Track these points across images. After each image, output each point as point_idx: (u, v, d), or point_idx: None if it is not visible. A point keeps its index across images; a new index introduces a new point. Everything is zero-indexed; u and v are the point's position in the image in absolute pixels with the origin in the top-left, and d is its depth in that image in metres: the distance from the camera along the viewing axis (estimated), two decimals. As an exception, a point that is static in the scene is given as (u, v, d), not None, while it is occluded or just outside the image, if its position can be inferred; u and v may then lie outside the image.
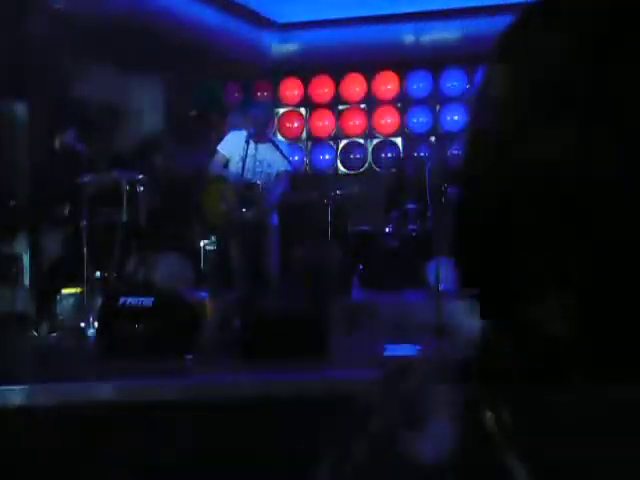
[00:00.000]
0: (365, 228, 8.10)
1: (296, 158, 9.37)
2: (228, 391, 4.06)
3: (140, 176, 6.20)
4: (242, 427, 3.89)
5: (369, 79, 9.41)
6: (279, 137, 8.93)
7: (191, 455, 3.83)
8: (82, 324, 5.83)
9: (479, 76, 0.80)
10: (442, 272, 6.18)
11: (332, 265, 7.06)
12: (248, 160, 6.05)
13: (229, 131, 6.89)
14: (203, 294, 6.06)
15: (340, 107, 9.59)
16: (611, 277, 0.66)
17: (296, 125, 9.64)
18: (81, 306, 6.01)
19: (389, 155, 9.34)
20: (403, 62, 9.15)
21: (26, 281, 6.62)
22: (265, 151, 6.19)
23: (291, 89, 9.62)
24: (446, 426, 0.79)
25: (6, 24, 6.65)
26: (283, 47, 9.27)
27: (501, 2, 8.42)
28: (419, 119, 9.26)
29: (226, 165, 6.25)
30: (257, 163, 6.16)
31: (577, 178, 0.64)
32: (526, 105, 0.69)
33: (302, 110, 9.71)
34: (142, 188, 6.19)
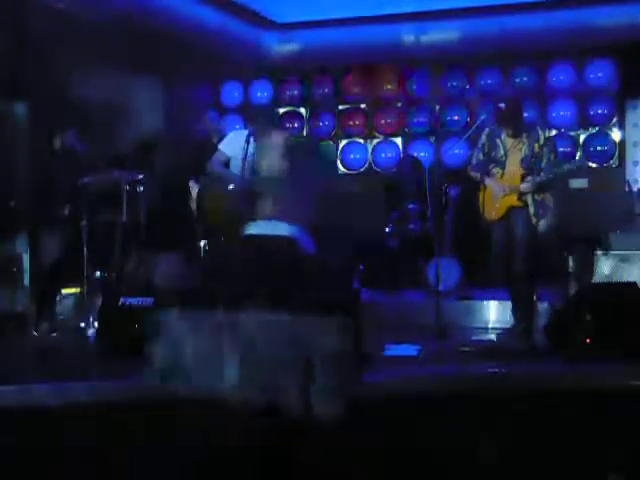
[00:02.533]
0: (365, 228, 8.09)
1: (296, 158, 9.38)
2: (229, 391, 4.05)
3: (140, 176, 6.20)
4: (242, 427, 3.89)
5: (369, 79, 9.40)
6: (279, 137, 8.92)
7: (191, 455, 3.83)
8: (82, 324, 5.83)
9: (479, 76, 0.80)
10: (442, 272, 6.18)
11: (332, 265, 7.06)
12: (249, 159, 6.05)
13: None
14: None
15: (340, 107, 9.59)
16: None
17: (296, 125, 9.64)
18: (81, 306, 6.00)
19: (389, 155, 9.33)
20: (403, 62, 9.15)
21: (26, 281, 6.61)
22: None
23: (291, 89, 9.63)
24: None
25: (6, 24, 6.65)
26: (283, 47, 9.27)
27: (501, 2, 8.43)
28: (419, 119, 9.26)
29: (227, 164, 6.25)
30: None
31: None
32: None
33: (302, 110, 9.71)
34: (142, 188, 6.18)
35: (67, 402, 3.83)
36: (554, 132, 8.56)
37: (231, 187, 6.07)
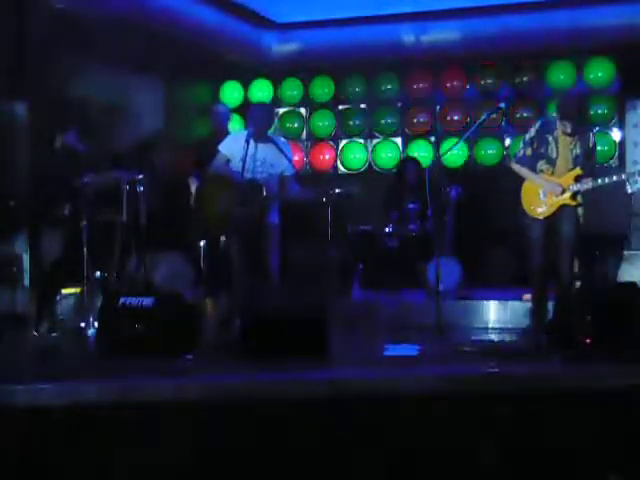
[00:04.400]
0: (365, 228, 8.09)
1: (296, 158, 9.38)
2: (228, 391, 4.06)
3: (140, 176, 6.20)
4: (243, 427, 3.89)
5: (369, 79, 9.40)
6: (280, 137, 8.92)
7: (191, 455, 3.84)
8: (82, 324, 5.83)
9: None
10: (442, 272, 6.17)
11: (332, 265, 7.06)
12: (249, 160, 6.05)
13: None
14: (203, 294, 6.07)
15: (340, 107, 9.59)
16: None
17: (296, 125, 9.63)
18: (81, 306, 6.00)
19: (389, 155, 9.33)
20: (403, 62, 9.15)
21: (26, 281, 6.62)
22: (266, 150, 6.19)
23: (291, 89, 9.62)
24: None
25: (6, 24, 6.65)
26: (283, 47, 9.26)
27: (501, 2, 8.43)
28: (419, 119, 9.26)
29: (227, 164, 6.24)
30: (258, 162, 6.15)
31: None
32: None
33: (302, 110, 9.70)
34: (142, 188, 6.18)
35: (67, 402, 3.83)
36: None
37: (235, 183, 6.07)
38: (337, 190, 6.28)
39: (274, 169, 6.17)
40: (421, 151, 9.05)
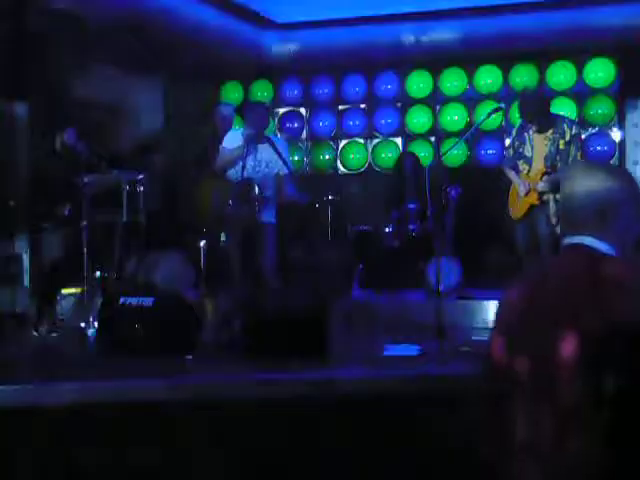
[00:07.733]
0: (365, 228, 8.09)
1: (296, 158, 9.38)
2: (228, 391, 4.06)
3: (140, 176, 6.20)
4: (243, 427, 3.89)
5: (369, 79, 9.40)
6: (279, 137, 8.92)
7: (191, 455, 3.84)
8: (82, 324, 5.83)
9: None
10: (442, 272, 6.17)
11: (332, 265, 7.06)
12: (248, 160, 6.06)
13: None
14: (203, 294, 6.06)
15: (340, 107, 9.59)
16: None
17: (296, 125, 9.63)
18: (81, 306, 6.00)
19: (389, 155, 9.33)
20: (403, 62, 9.15)
21: (26, 281, 6.62)
22: (263, 151, 6.20)
23: (291, 89, 9.62)
24: None
25: (6, 24, 6.65)
26: (283, 47, 9.26)
27: (501, 2, 8.43)
28: (419, 119, 9.26)
29: (232, 163, 6.24)
30: (256, 163, 6.16)
31: None
32: None
33: (302, 110, 9.70)
34: (142, 188, 6.18)
35: (67, 402, 3.83)
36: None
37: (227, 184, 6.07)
38: (330, 197, 6.29)
39: (270, 169, 6.18)
40: (421, 151, 9.05)
